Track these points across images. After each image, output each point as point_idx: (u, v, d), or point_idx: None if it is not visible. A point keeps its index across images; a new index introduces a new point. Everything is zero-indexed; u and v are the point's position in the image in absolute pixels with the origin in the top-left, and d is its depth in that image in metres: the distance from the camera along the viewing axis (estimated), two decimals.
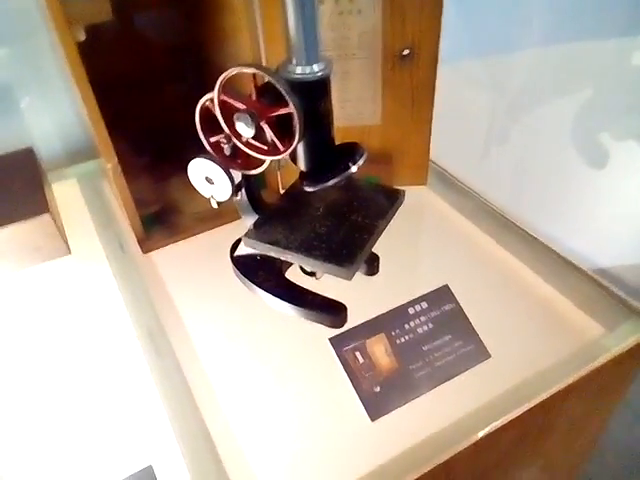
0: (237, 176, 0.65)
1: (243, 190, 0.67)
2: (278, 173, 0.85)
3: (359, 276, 0.72)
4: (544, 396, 0.58)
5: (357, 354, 0.59)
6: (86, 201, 0.92)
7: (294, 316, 0.66)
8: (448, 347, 0.61)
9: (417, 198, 0.86)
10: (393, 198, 0.66)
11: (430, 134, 0.79)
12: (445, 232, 0.81)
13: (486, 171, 0.90)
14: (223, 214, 0.82)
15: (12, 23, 0.92)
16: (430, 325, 0.62)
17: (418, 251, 0.80)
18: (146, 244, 0.80)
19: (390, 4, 0.68)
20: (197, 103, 0.57)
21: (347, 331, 0.61)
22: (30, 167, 0.86)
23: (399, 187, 0.66)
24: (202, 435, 0.57)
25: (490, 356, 0.62)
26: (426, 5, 0.68)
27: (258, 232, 0.64)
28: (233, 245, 0.75)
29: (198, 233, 0.82)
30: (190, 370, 0.64)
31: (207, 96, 0.58)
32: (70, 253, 0.81)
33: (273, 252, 0.62)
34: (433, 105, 0.76)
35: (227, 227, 0.83)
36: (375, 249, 0.71)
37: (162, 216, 0.84)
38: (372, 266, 0.72)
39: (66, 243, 0.81)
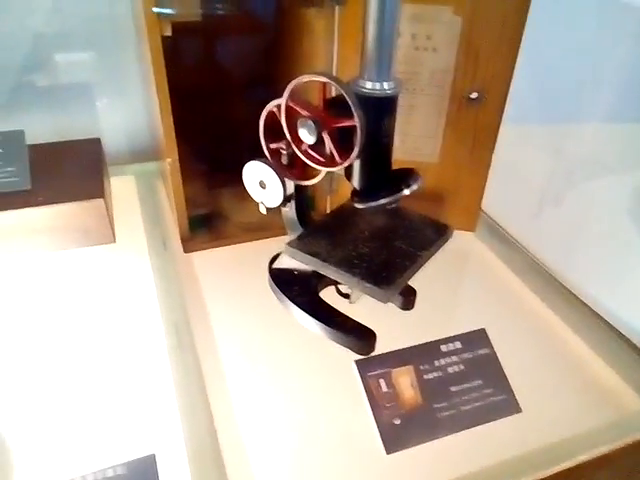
0: (289, 187, 0.65)
1: (293, 202, 0.67)
2: (328, 198, 0.85)
3: (393, 308, 0.71)
4: (573, 463, 0.54)
5: (381, 382, 0.57)
6: (140, 198, 0.95)
7: (322, 336, 0.65)
8: (477, 393, 0.59)
9: (463, 244, 0.85)
10: (440, 232, 0.65)
11: (486, 179, 0.78)
12: (488, 280, 0.79)
13: (537, 230, 0.88)
14: (268, 227, 0.83)
15: (103, 29, 0.98)
16: (461, 366, 0.60)
17: (457, 294, 0.78)
18: (188, 244, 0.81)
19: (466, 47, 0.69)
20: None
21: (374, 357, 0.59)
22: (94, 155, 0.90)
23: None
24: (209, 437, 0.56)
25: (521, 410, 0.58)
26: (500, 52, 0.69)
27: (301, 242, 0.63)
28: (272, 258, 0.75)
29: (241, 242, 0.83)
30: (209, 369, 0.63)
31: (275, 102, 0.59)
32: (115, 242, 0.83)
33: (312, 263, 0.61)
34: (493, 151, 0.76)
35: (270, 241, 0.83)
36: (414, 285, 0.71)
37: (209, 220, 0.85)
38: (408, 299, 0.70)
39: (113, 231, 0.82)
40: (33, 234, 0.77)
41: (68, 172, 0.84)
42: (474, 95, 0.72)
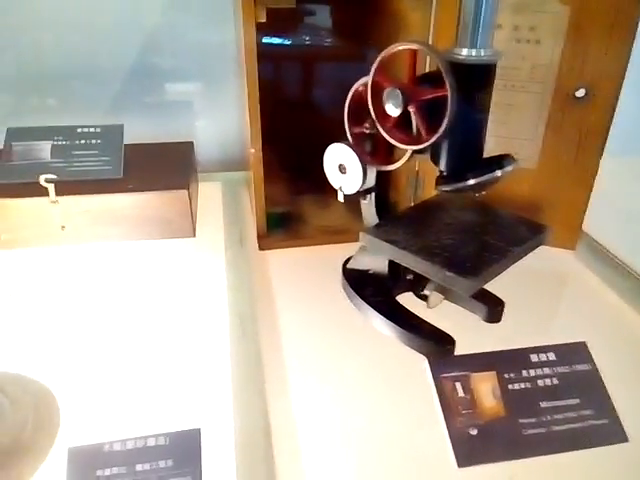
0: (370, 177, 0.62)
1: (373, 195, 0.64)
2: (412, 197, 0.80)
3: (476, 320, 0.64)
4: None
5: (457, 385, 0.50)
6: (223, 201, 0.96)
7: (395, 340, 0.60)
8: (573, 413, 0.50)
9: (562, 262, 0.76)
10: (536, 231, 0.58)
11: (591, 191, 0.70)
12: (589, 302, 0.69)
13: None
14: (347, 231, 0.80)
15: (209, 50, 1.04)
16: (555, 381, 0.51)
17: (554, 310, 0.69)
18: (264, 241, 0.79)
19: (573, 39, 0.64)
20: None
21: (451, 357, 0.52)
22: (186, 156, 0.92)
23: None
24: (261, 427, 0.51)
25: (627, 440, 0.48)
26: (612, 45, 0.63)
27: (378, 230, 0.59)
28: (347, 259, 0.71)
29: (317, 244, 0.80)
30: (269, 361, 0.59)
31: (362, 80, 0.57)
32: (194, 236, 0.83)
33: (389, 252, 0.56)
34: (601, 157, 0.68)
35: (348, 245, 0.79)
36: (504, 298, 0.63)
37: (288, 219, 0.83)
38: (494, 310, 0.63)
39: (194, 226, 0.83)
40: (119, 221, 0.79)
41: (159, 167, 0.86)
42: (581, 93, 0.66)
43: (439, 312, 0.63)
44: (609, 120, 0.66)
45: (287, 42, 0.99)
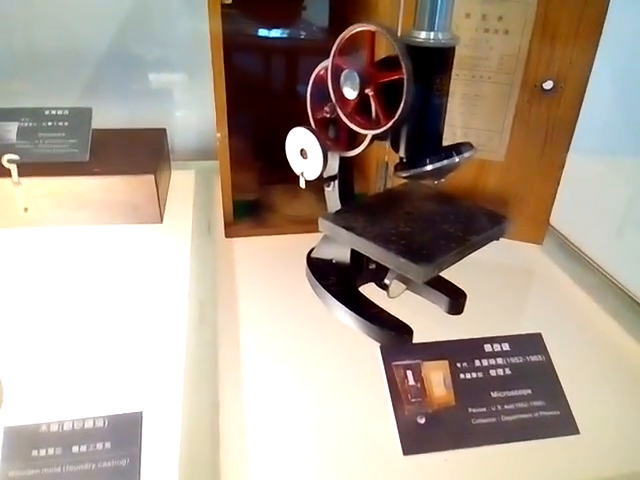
0: (334, 164, 0.61)
1: (336, 182, 0.63)
2: (382, 187, 0.80)
3: (438, 311, 0.63)
4: None
5: (408, 373, 0.49)
6: (195, 189, 0.95)
7: (354, 328, 0.59)
8: (524, 403, 0.49)
9: (528, 256, 0.76)
10: (496, 222, 0.58)
11: (558, 183, 0.70)
12: (553, 296, 0.69)
13: (615, 251, 0.77)
14: (315, 221, 0.78)
15: (195, 44, 1.03)
16: (507, 371, 0.51)
17: (515, 303, 0.68)
18: (231, 229, 0.78)
19: (541, 29, 0.63)
20: None
21: (404, 345, 0.52)
22: (157, 143, 0.91)
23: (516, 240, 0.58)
24: (209, 411, 0.50)
25: (579, 432, 0.48)
26: (581, 36, 0.62)
27: (336, 216, 0.59)
28: (312, 249, 0.70)
29: (284, 233, 0.79)
30: (225, 348, 0.58)
31: (323, 63, 0.56)
32: (161, 222, 0.82)
33: (345, 238, 0.56)
34: (568, 150, 0.68)
35: (316, 235, 0.78)
36: (467, 290, 0.63)
37: (255, 208, 0.82)
38: (457, 302, 0.62)
39: (161, 212, 0.81)
40: (84, 205, 0.78)
41: (128, 152, 0.85)
42: (548, 85, 0.65)
43: (401, 303, 0.62)
44: (576, 113, 0.66)
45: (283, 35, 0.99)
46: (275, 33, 0.99)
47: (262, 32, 0.98)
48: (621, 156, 1.04)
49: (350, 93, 0.51)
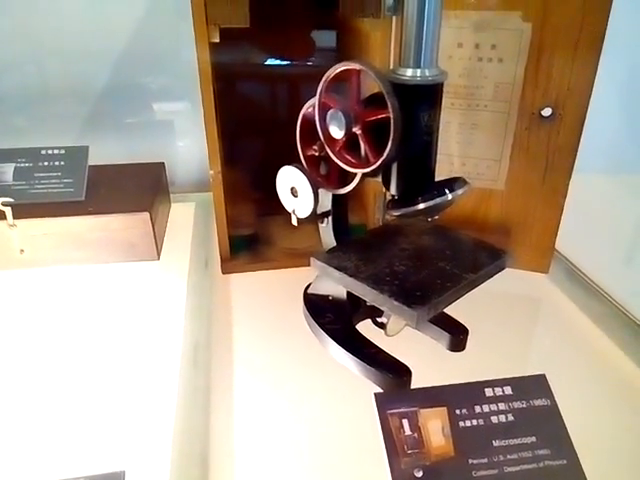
0: (326, 201, 0.60)
1: (330, 218, 0.62)
2: (381, 219, 0.78)
3: (440, 348, 0.61)
4: None
5: (404, 422, 0.47)
6: (195, 222, 0.94)
7: (351, 370, 0.57)
8: (529, 452, 0.46)
9: (534, 286, 0.73)
10: (495, 257, 0.56)
11: (562, 211, 0.67)
12: (560, 329, 0.66)
13: (624, 278, 0.75)
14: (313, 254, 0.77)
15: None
16: (510, 417, 0.48)
17: (521, 339, 0.65)
18: (227, 265, 0.77)
19: (537, 57, 0.62)
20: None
21: (400, 391, 0.50)
22: (155, 177, 0.91)
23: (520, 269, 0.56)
24: (199, 466, 0.48)
25: None
26: (578, 61, 0.60)
27: (330, 256, 0.57)
28: (309, 284, 0.69)
29: (282, 267, 0.78)
30: (218, 390, 0.56)
31: (311, 101, 0.55)
32: (158, 259, 0.81)
33: (338, 279, 0.54)
34: (570, 177, 0.65)
35: (313, 269, 0.77)
36: (468, 325, 0.61)
37: (253, 242, 0.81)
38: (457, 339, 0.60)
39: (157, 248, 0.81)
40: (80, 244, 0.77)
41: (125, 189, 0.85)
42: (547, 112, 0.64)
43: (400, 339, 0.60)
44: (577, 139, 0.64)
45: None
46: (282, 61, 0.98)
47: (268, 60, 0.98)
48: (628, 174, 1.02)
49: (337, 132, 0.50)
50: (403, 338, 0.60)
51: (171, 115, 1.10)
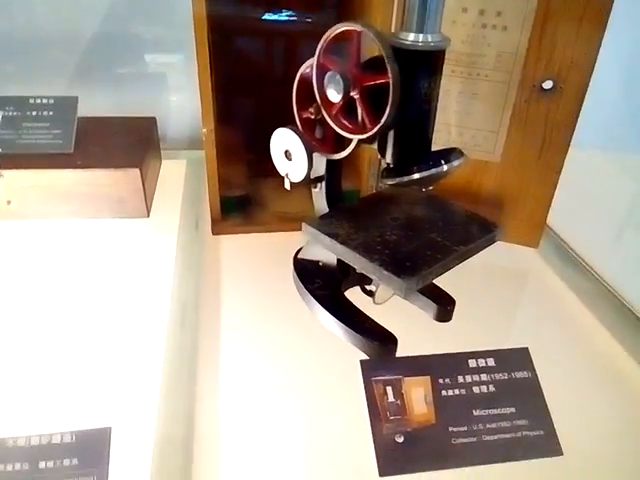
0: (320, 165, 0.59)
1: (323, 183, 0.61)
2: (375, 187, 0.77)
3: (427, 317, 0.61)
4: None
5: (388, 389, 0.48)
6: (185, 180, 0.93)
7: (337, 335, 0.57)
8: (507, 422, 0.48)
9: (523, 260, 0.73)
10: (486, 230, 0.55)
11: (556, 187, 0.67)
12: (546, 303, 0.67)
13: (613, 256, 0.75)
14: (305, 219, 0.77)
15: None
16: (491, 388, 0.49)
17: (506, 312, 0.66)
18: (218, 226, 0.76)
19: (541, 26, 0.60)
20: None
21: (385, 359, 0.50)
22: (146, 132, 0.89)
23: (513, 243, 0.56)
24: (184, 425, 0.49)
25: (562, 453, 0.46)
26: (582, 34, 0.59)
27: (321, 222, 0.56)
28: (300, 249, 0.69)
29: (273, 231, 0.77)
30: (204, 352, 0.57)
31: (308, 62, 0.54)
32: (148, 217, 0.80)
33: (329, 245, 0.54)
34: (566, 153, 0.65)
35: None
36: (454, 296, 0.61)
37: (244, 204, 0.80)
38: (444, 309, 0.61)
39: (147, 206, 0.79)
40: (68, 198, 0.76)
41: (114, 143, 0.83)
42: (548, 84, 0.62)
43: (387, 308, 0.61)
44: (576, 114, 0.63)
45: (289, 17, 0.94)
46: (281, 16, 0.95)
47: (266, 15, 0.94)
48: (625, 153, 1.01)
49: (334, 96, 0.49)
50: (390, 307, 0.61)
51: (163, 67, 1.06)
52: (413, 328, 0.59)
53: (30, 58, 0.98)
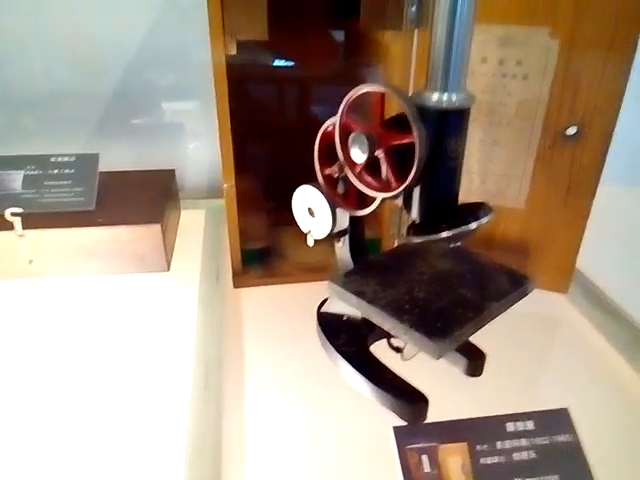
0: (343, 220, 0.58)
1: (347, 237, 0.60)
2: (396, 241, 0.76)
3: (457, 373, 0.59)
4: None
5: (424, 459, 0.46)
6: (205, 231, 0.93)
7: (365, 395, 0.55)
8: None
9: (553, 307, 0.71)
10: (518, 283, 0.54)
11: (583, 232, 0.66)
12: (580, 353, 0.64)
13: None
14: (327, 268, 0.76)
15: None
16: (532, 454, 0.47)
17: (540, 366, 0.64)
18: (239, 279, 0.75)
19: (563, 74, 0.60)
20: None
21: (420, 425, 0.48)
22: (165, 185, 0.89)
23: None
24: None
25: None
26: (606, 80, 0.58)
27: (347, 280, 0.55)
28: (323, 301, 0.67)
29: (296, 282, 0.76)
30: (229, 416, 0.55)
31: (331, 120, 0.54)
32: (168, 270, 0.79)
33: (355, 304, 0.52)
34: (593, 198, 0.64)
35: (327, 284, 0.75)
36: (485, 348, 0.59)
37: (265, 255, 0.80)
38: (475, 364, 0.59)
39: (167, 260, 0.79)
40: (89, 255, 0.76)
41: (135, 198, 0.83)
42: (572, 130, 0.62)
43: (415, 364, 0.59)
44: (602, 159, 0.62)
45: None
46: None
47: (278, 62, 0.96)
48: None
49: (359, 156, 0.48)
50: (417, 362, 0.59)
51: (181, 116, 1.08)
52: (443, 386, 0.57)
53: (46, 112, 1.00)
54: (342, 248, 0.61)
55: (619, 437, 0.53)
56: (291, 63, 0.93)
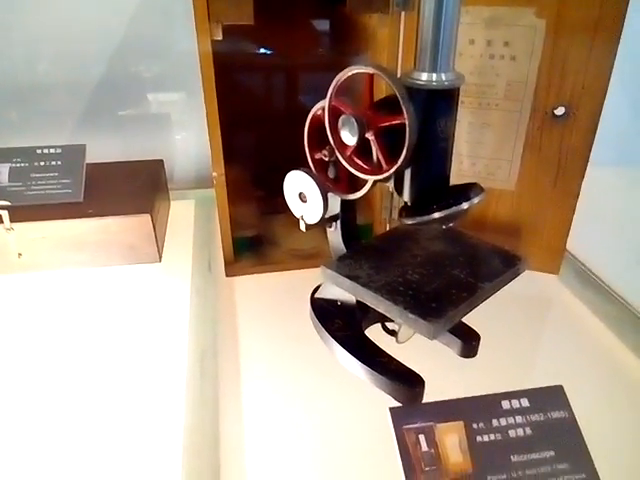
0: (334, 204, 0.58)
1: (339, 222, 0.60)
2: (388, 226, 0.77)
3: (451, 354, 0.60)
4: None
5: (421, 438, 0.46)
6: (195, 220, 0.92)
7: (361, 378, 0.56)
8: (547, 467, 0.45)
9: (544, 287, 0.72)
10: (510, 263, 0.54)
11: (574, 212, 0.66)
12: (572, 332, 0.65)
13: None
14: (319, 255, 0.76)
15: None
16: (528, 430, 0.47)
17: (533, 345, 0.64)
18: (232, 267, 0.75)
19: (550, 54, 0.60)
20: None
21: (416, 406, 0.48)
22: (153, 176, 0.88)
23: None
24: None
25: None
26: (593, 60, 0.59)
27: (340, 264, 0.55)
28: (316, 287, 0.67)
29: (288, 269, 0.76)
30: (226, 403, 0.55)
31: (320, 104, 0.53)
32: (160, 261, 0.79)
33: (350, 288, 0.52)
34: (583, 178, 0.64)
35: (319, 271, 0.75)
36: (478, 329, 0.60)
37: (256, 244, 0.79)
38: (469, 345, 0.59)
39: (159, 250, 0.79)
40: (79, 247, 0.75)
41: (123, 189, 0.82)
42: (560, 111, 0.62)
43: (410, 346, 0.59)
44: (591, 139, 0.62)
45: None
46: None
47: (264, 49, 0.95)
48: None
49: (349, 138, 0.48)
50: (413, 344, 0.59)
51: (167, 107, 1.07)
52: (438, 367, 0.58)
53: (31, 105, 0.99)
54: (334, 233, 0.61)
55: (612, 412, 0.54)
56: (277, 50, 0.92)
